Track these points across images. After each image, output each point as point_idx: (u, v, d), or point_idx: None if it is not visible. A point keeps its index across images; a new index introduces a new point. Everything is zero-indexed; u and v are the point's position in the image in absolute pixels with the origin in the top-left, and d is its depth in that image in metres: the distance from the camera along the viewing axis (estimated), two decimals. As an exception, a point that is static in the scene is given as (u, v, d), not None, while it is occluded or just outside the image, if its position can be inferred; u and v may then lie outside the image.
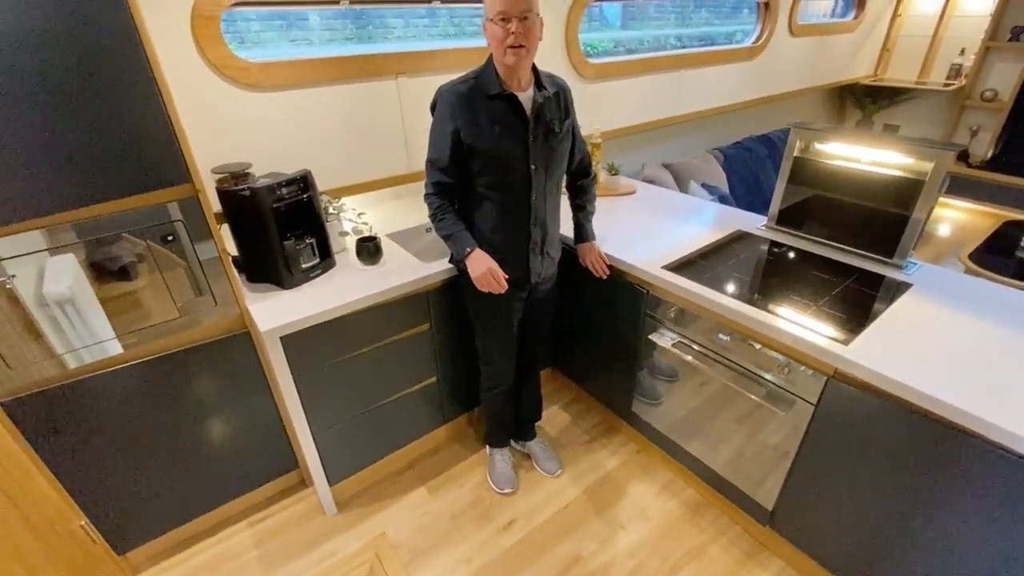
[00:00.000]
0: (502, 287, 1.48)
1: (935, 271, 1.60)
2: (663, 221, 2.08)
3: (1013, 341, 1.26)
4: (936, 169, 1.49)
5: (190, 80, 1.52)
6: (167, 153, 1.26)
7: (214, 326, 1.52)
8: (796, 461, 1.47)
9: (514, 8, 1.24)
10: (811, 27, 3.62)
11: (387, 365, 1.75)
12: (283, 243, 1.54)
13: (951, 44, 4.22)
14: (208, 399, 1.61)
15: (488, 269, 1.46)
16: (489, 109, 1.37)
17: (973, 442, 1.07)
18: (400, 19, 2.17)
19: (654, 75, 2.80)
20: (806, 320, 1.39)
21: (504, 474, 1.94)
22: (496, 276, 1.46)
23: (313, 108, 1.78)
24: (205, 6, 1.46)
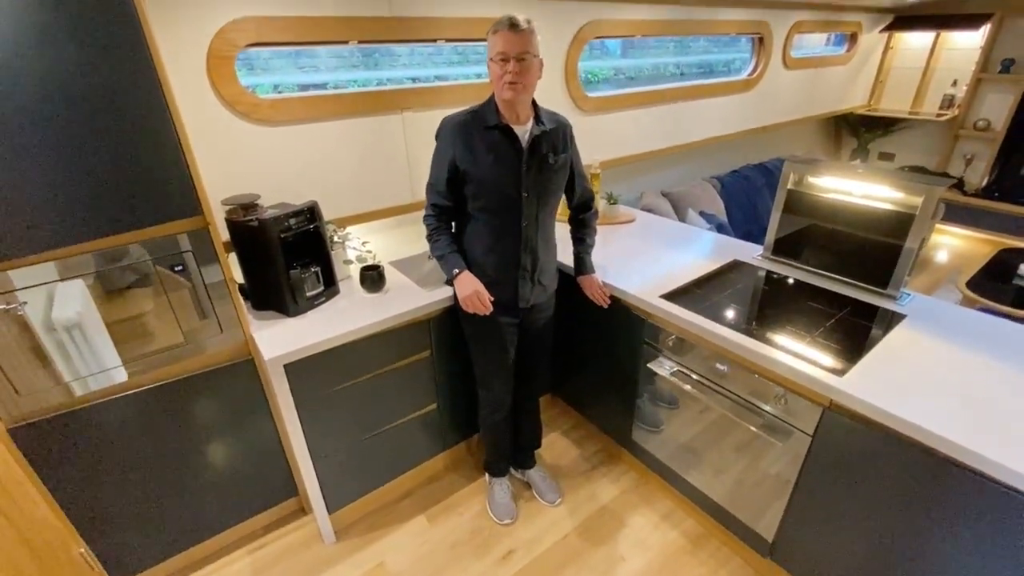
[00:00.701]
0: (487, 309, 1.53)
1: (929, 302, 1.62)
2: (661, 250, 2.12)
3: (1007, 374, 1.27)
4: (926, 202, 1.53)
5: (204, 116, 1.58)
6: (180, 187, 1.31)
7: (219, 353, 1.55)
8: (795, 492, 1.47)
9: (512, 50, 1.32)
10: (805, 60, 3.73)
11: (388, 392, 1.77)
12: (289, 272, 1.58)
13: (943, 76, 4.33)
14: (210, 426, 1.62)
15: (474, 291, 1.51)
16: (486, 139, 1.44)
17: (969, 476, 1.08)
18: (405, 48, 2.24)
19: (652, 107, 2.88)
20: (801, 351, 1.41)
21: (504, 504, 1.93)
22: (481, 298, 1.52)
23: (321, 142, 1.84)
24: (221, 47, 1.53)
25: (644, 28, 2.63)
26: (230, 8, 1.52)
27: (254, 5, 1.55)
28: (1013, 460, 1.02)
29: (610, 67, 3.16)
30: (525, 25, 1.31)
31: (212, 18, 1.50)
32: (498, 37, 1.32)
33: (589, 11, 2.37)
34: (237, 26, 1.53)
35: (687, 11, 2.76)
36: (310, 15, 1.65)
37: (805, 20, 3.47)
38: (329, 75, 2.09)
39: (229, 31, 1.52)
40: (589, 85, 2.87)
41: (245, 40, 1.56)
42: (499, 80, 1.37)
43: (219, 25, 1.51)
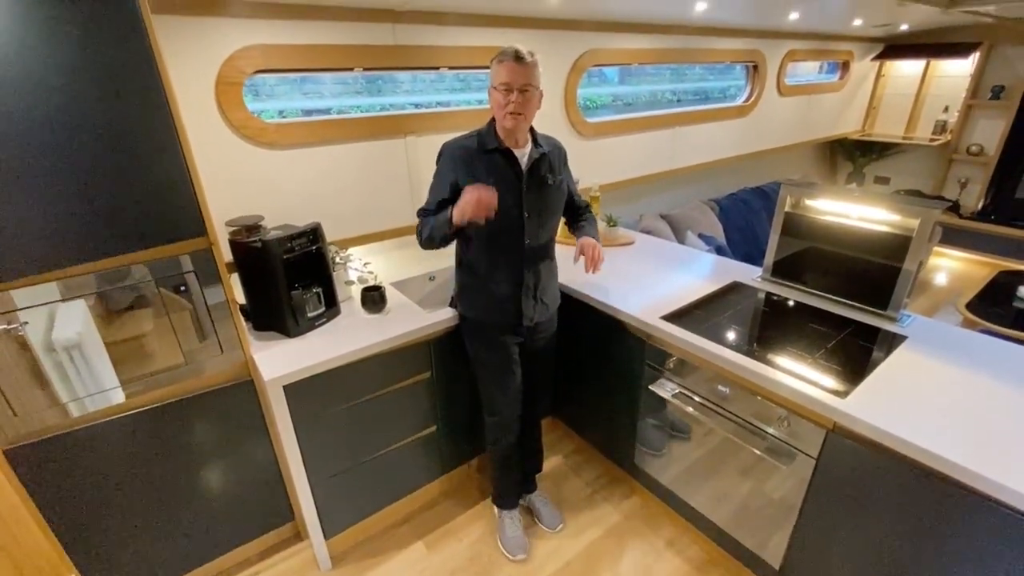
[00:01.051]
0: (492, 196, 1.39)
1: (929, 323, 1.62)
2: (661, 271, 2.13)
3: (1010, 396, 1.26)
4: (922, 225, 1.55)
5: (212, 139, 1.61)
6: (186, 209, 1.33)
7: (218, 374, 1.54)
8: (801, 517, 1.44)
9: (515, 81, 1.37)
10: (798, 87, 3.81)
11: (387, 414, 1.75)
12: (290, 292, 1.58)
13: (934, 102, 4.42)
14: (208, 449, 1.60)
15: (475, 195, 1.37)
16: (487, 162, 1.48)
17: (977, 500, 1.06)
18: (408, 75, 2.29)
19: (650, 132, 2.93)
20: (803, 372, 1.40)
21: (516, 539, 1.87)
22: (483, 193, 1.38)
23: (326, 165, 1.87)
24: (230, 73, 1.57)
25: (641, 57, 2.70)
26: (240, 37, 1.57)
27: (263, 33, 1.60)
28: (1018, 482, 1.00)
29: (609, 94, 3.24)
30: (529, 58, 1.37)
31: (222, 46, 1.55)
32: (503, 67, 1.37)
33: (587, 40, 2.44)
34: (245, 53, 1.57)
35: (683, 40, 2.83)
36: (317, 43, 1.70)
37: (798, 49, 3.56)
38: (333, 101, 2.14)
39: (238, 58, 1.57)
40: (588, 111, 2.93)
41: (253, 67, 1.60)
42: (501, 109, 1.41)
43: (228, 53, 1.56)
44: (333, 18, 1.71)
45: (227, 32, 1.55)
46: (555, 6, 2.01)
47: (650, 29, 2.65)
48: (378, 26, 1.81)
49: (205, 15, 1.51)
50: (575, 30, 2.37)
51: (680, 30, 2.78)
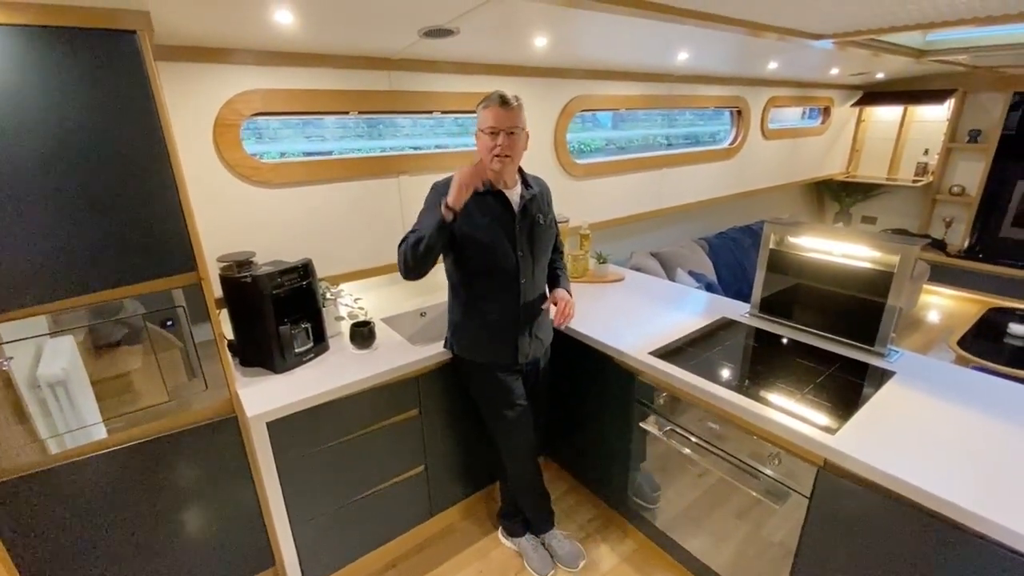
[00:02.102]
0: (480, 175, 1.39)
1: (918, 359, 1.63)
2: (651, 308, 2.14)
3: (999, 431, 1.26)
4: (903, 261, 1.57)
5: (207, 177, 1.66)
6: (177, 244, 1.35)
7: (203, 410, 1.52)
8: (797, 560, 1.39)
9: (502, 124, 1.42)
10: (782, 131, 3.96)
11: (373, 452, 1.72)
12: (278, 328, 1.59)
13: (914, 145, 4.57)
14: (188, 488, 1.56)
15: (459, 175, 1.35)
16: (480, 204, 1.51)
17: (966, 537, 1.04)
18: (408, 119, 2.38)
19: (639, 173, 3.02)
20: (792, 408, 1.39)
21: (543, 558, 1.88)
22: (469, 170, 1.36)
23: (319, 203, 1.91)
24: (228, 115, 1.63)
25: (628, 102, 2.82)
26: (240, 81, 1.64)
27: (262, 79, 1.67)
28: (1003, 517, 0.99)
29: (602, 138, 3.36)
30: (515, 103, 1.42)
31: (223, 90, 1.62)
32: (489, 112, 1.42)
33: (576, 87, 2.55)
34: (244, 97, 1.64)
35: (668, 87, 2.96)
36: (314, 88, 1.78)
37: (779, 96, 3.71)
38: (334, 144, 2.20)
39: (237, 102, 1.63)
40: (582, 154, 3.04)
41: (251, 110, 1.66)
42: (489, 152, 1.46)
43: (228, 96, 1.62)
44: (331, 65, 1.79)
45: (228, 77, 1.62)
46: (543, 56, 2.11)
47: (636, 76, 2.77)
48: (374, 72, 1.89)
49: (208, 62, 1.58)
50: (564, 77, 2.48)
51: (665, 78, 2.91)
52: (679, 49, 2.18)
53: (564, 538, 1.92)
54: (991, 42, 2.49)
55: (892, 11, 1.59)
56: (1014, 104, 3.94)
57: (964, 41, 2.55)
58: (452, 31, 1.54)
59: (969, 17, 1.63)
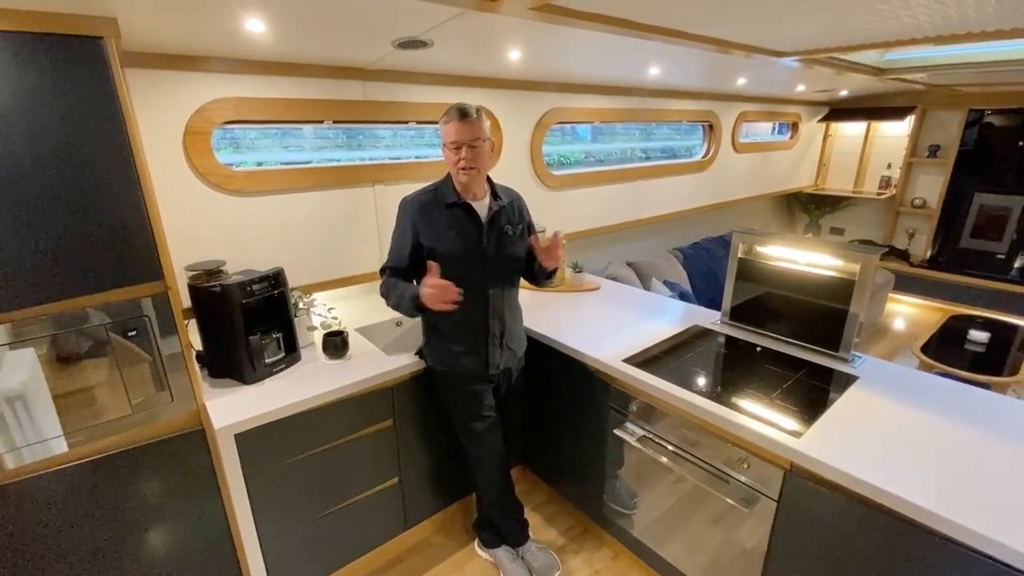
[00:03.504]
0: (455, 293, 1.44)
1: (879, 364, 1.68)
2: (626, 316, 2.17)
3: (954, 433, 1.30)
4: (864, 270, 1.63)
5: (177, 185, 1.63)
6: (143, 252, 1.32)
7: (168, 423, 1.48)
8: (767, 563, 1.41)
9: (463, 138, 1.43)
10: (752, 145, 4.08)
11: (346, 464, 1.69)
12: (248, 338, 1.56)
13: (878, 159, 4.75)
14: (154, 504, 1.51)
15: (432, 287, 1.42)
16: (447, 216, 1.52)
17: (925, 537, 1.07)
18: (388, 130, 2.38)
19: (615, 185, 3.07)
20: (760, 412, 1.42)
21: (520, 571, 1.86)
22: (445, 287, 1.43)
23: (293, 211, 1.90)
24: (199, 123, 1.62)
25: (602, 115, 2.87)
26: (211, 90, 1.63)
27: (234, 87, 1.66)
28: (955, 514, 1.02)
29: (581, 150, 3.41)
30: (474, 114, 1.43)
31: (193, 98, 1.60)
32: (450, 127, 1.44)
33: (552, 99, 2.59)
34: (216, 105, 1.63)
35: (641, 101, 3.03)
36: (287, 97, 1.77)
37: (749, 111, 3.83)
38: (313, 154, 2.19)
39: (208, 110, 1.62)
40: (563, 166, 3.08)
41: (222, 118, 1.65)
42: (454, 165, 1.48)
43: (199, 104, 1.61)
44: (305, 75, 1.79)
45: (199, 85, 1.60)
46: (518, 69, 2.15)
47: (610, 90, 2.83)
48: (349, 82, 1.90)
49: (179, 70, 1.57)
50: (539, 90, 2.52)
51: (639, 92, 2.98)
52: (650, 64, 2.24)
53: (538, 550, 1.91)
54: (946, 61, 2.62)
55: (848, 30, 1.67)
56: (970, 121, 4.13)
57: (920, 60, 2.67)
58: (426, 43, 1.55)
59: (920, 37, 1.72)
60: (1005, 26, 1.54)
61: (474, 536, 2.04)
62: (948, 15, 1.44)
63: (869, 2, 1.32)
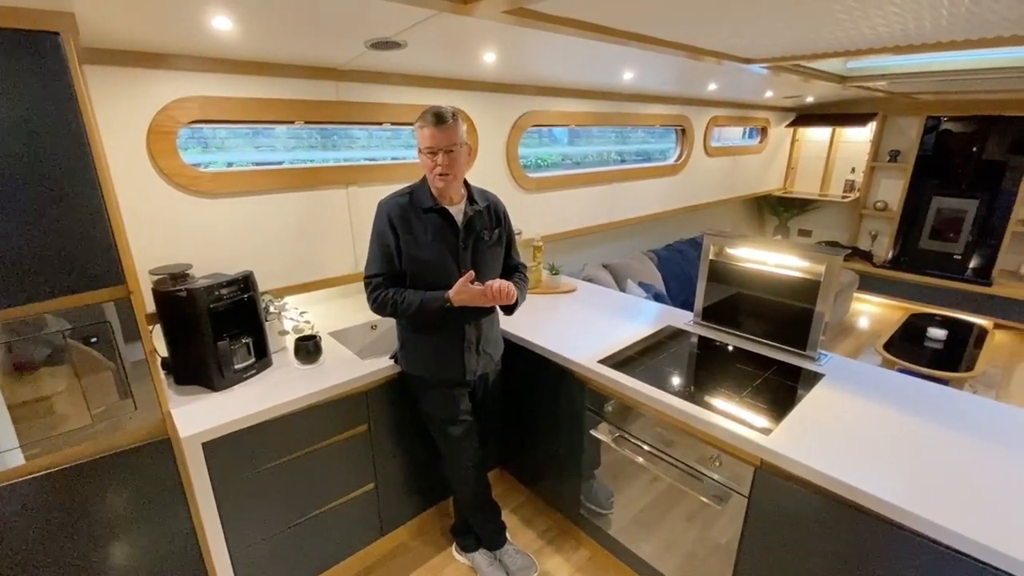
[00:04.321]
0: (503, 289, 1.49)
1: (844, 362, 1.73)
2: (601, 317, 2.19)
3: (914, 427, 1.35)
4: (828, 270, 1.68)
5: (141, 187, 1.58)
6: (104, 256, 1.27)
7: (132, 433, 1.43)
8: (739, 558, 1.45)
9: (439, 143, 1.42)
10: (723, 149, 4.17)
11: (320, 471, 1.66)
12: (216, 343, 1.52)
13: (843, 164, 4.92)
14: (117, 516, 1.45)
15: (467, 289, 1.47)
16: (424, 220, 1.51)
17: (887, 528, 1.11)
18: (364, 131, 2.34)
19: (590, 188, 3.10)
20: (731, 410, 1.45)
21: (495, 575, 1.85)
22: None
23: (263, 214, 1.86)
24: (163, 122, 1.57)
25: (578, 119, 2.90)
26: (176, 88, 1.58)
27: (200, 85, 1.62)
28: (914, 506, 1.06)
29: (558, 153, 3.44)
30: (450, 119, 1.42)
31: (157, 97, 1.55)
32: (425, 132, 1.42)
33: (527, 102, 2.60)
34: (181, 104, 1.58)
35: (616, 105, 3.07)
36: (257, 96, 1.74)
37: (720, 116, 3.92)
38: (286, 155, 2.14)
39: (173, 108, 1.57)
40: (540, 169, 3.10)
41: (188, 117, 1.60)
42: (430, 171, 1.46)
43: (163, 103, 1.56)
44: (275, 74, 1.76)
45: (163, 83, 1.56)
46: (493, 71, 2.15)
47: (585, 94, 2.86)
48: (321, 82, 1.87)
49: (142, 67, 1.52)
50: (515, 93, 2.53)
51: (613, 96, 3.01)
52: (624, 69, 2.27)
53: (516, 552, 1.91)
54: (905, 70, 2.73)
55: (813, 40, 1.72)
56: (928, 128, 4.32)
57: (880, 68, 2.78)
58: (399, 44, 1.54)
59: (879, 47, 1.78)
60: (957, 37, 1.61)
61: (451, 541, 2.02)
62: (906, 27, 1.50)
63: (832, 13, 1.37)
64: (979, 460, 1.21)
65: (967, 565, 1.01)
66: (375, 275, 1.54)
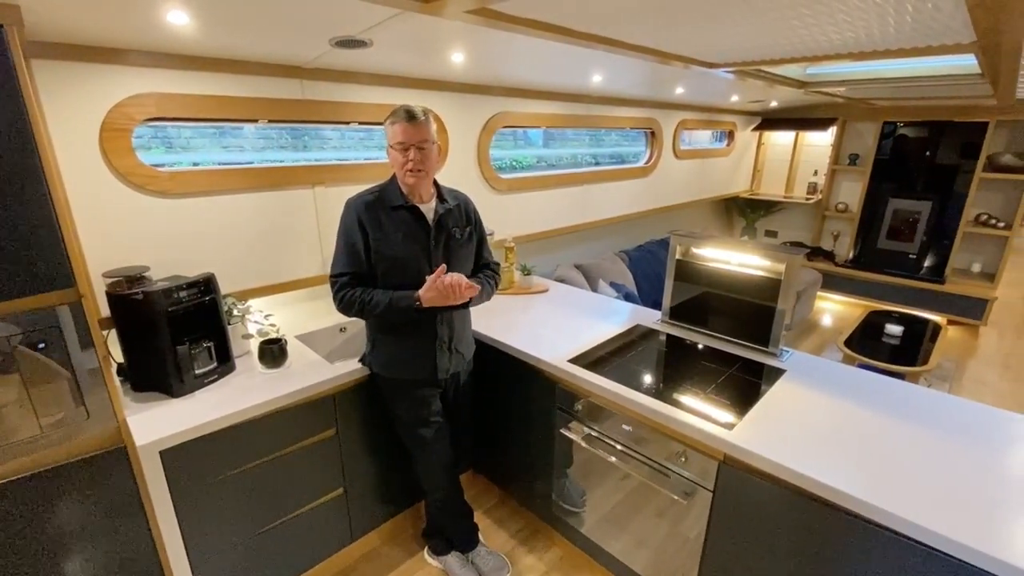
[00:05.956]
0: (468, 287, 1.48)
1: (805, 358, 1.79)
2: (573, 318, 2.21)
3: (870, 420, 1.41)
4: (789, 269, 1.74)
5: (93, 186, 1.52)
6: (52, 258, 1.22)
7: (85, 442, 1.37)
8: (706, 551, 1.47)
9: (411, 139, 1.42)
10: (692, 151, 4.26)
11: (287, 477, 1.62)
12: (175, 348, 1.47)
13: (806, 167, 5.09)
14: (71, 531, 1.39)
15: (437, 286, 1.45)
16: (393, 218, 1.49)
17: (845, 518, 1.15)
18: (336, 131, 2.30)
19: (562, 189, 3.13)
20: (696, 406, 1.48)
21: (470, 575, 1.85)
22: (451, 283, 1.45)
23: (225, 214, 1.81)
24: (117, 119, 1.51)
25: (549, 121, 2.92)
26: (131, 84, 1.53)
27: (157, 82, 1.57)
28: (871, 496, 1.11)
29: (533, 155, 3.45)
30: (422, 116, 1.42)
31: (110, 92, 1.50)
32: (397, 128, 1.42)
33: (498, 103, 2.61)
34: (136, 101, 1.53)
35: (586, 107, 3.10)
36: (217, 94, 1.69)
37: (689, 119, 4.01)
38: (255, 155, 2.08)
39: (127, 105, 1.52)
40: (515, 170, 3.11)
41: (144, 114, 1.55)
42: (402, 167, 1.46)
43: (117, 99, 1.51)
44: (238, 71, 1.72)
45: (117, 79, 1.50)
46: (463, 72, 2.15)
47: (556, 96, 2.89)
48: (286, 80, 1.84)
49: (94, 62, 1.46)
50: (486, 94, 2.53)
51: (584, 98, 3.05)
52: (593, 71, 2.30)
53: (488, 554, 1.90)
54: (861, 76, 2.84)
55: (772, 45, 1.78)
56: (885, 133, 4.50)
57: (838, 75, 2.89)
58: (365, 43, 1.53)
59: (833, 53, 1.86)
60: (905, 45, 1.69)
61: (423, 544, 2.00)
62: (857, 35, 1.56)
63: (787, 20, 1.41)
64: (932, 452, 1.26)
65: (921, 553, 1.05)
66: (340, 274, 1.52)
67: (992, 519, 1.05)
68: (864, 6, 1.27)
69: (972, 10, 1.22)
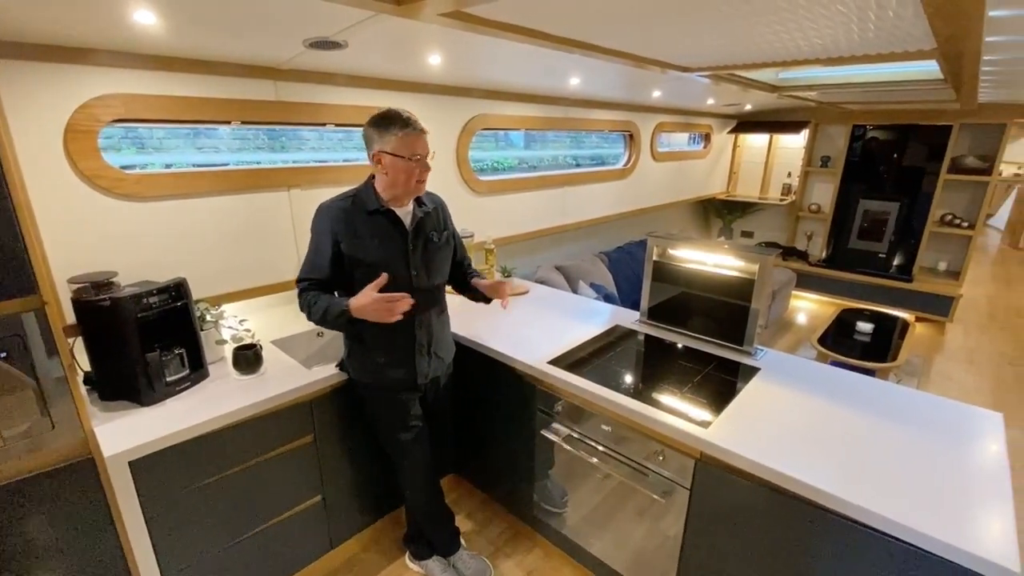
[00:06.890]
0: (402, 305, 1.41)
1: (779, 356, 1.83)
2: (553, 318, 2.22)
3: (841, 416, 1.44)
4: (762, 269, 1.77)
5: (58, 189, 1.48)
6: (13, 263, 1.17)
7: (50, 453, 1.32)
8: (683, 550, 1.49)
9: (426, 151, 1.45)
10: (670, 154, 4.32)
11: (263, 485, 1.60)
12: (145, 355, 1.43)
13: (780, 168, 5.20)
14: (36, 545, 1.34)
15: (372, 300, 1.39)
16: (369, 223, 1.48)
17: (817, 513, 1.18)
18: (314, 132, 2.27)
19: (542, 191, 3.14)
20: (673, 405, 1.50)
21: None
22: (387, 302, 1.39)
23: (196, 218, 1.77)
24: (82, 121, 1.47)
25: (528, 123, 2.93)
26: (97, 85, 1.49)
27: (125, 83, 1.53)
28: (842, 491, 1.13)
29: (515, 157, 3.46)
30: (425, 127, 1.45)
31: (75, 93, 1.46)
32: (411, 139, 1.40)
33: (477, 106, 2.61)
34: (102, 102, 1.49)
35: (564, 110, 3.12)
36: (189, 95, 1.66)
37: (666, 122, 4.06)
38: (230, 156, 2.04)
39: (93, 106, 1.48)
40: (496, 172, 3.11)
41: (111, 115, 1.51)
42: (411, 178, 1.44)
43: (82, 100, 1.46)
44: (209, 72, 1.68)
45: (82, 79, 1.46)
46: (441, 74, 2.14)
47: (535, 99, 2.90)
48: (259, 81, 1.81)
49: (58, 62, 1.42)
50: (465, 96, 2.53)
51: (562, 101, 3.07)
52: (570, 74, 2.31)
53: (470, 557, 1.90)
54: (831, 81, 2.92)
55: (741, 51, 1.81)
56: (855, 136, 4.63)
57: (809, 79, 2.96)
58: (340, 44, 1.51)
59: (802, 59, 1.90)
60: (871, 51, 1.74)
61: (404, 550, 1.99)
62: (824, 41, 1.61)
63: (756, 27, 1.44)
64: (903, 447, 1.29)
65: (893, 546, 1.08)
66: (303, 279, 1.52)
67: (960, 512, 1.08)
68: (828, 15, 1.31)
69: (931, 19, 1.26)
